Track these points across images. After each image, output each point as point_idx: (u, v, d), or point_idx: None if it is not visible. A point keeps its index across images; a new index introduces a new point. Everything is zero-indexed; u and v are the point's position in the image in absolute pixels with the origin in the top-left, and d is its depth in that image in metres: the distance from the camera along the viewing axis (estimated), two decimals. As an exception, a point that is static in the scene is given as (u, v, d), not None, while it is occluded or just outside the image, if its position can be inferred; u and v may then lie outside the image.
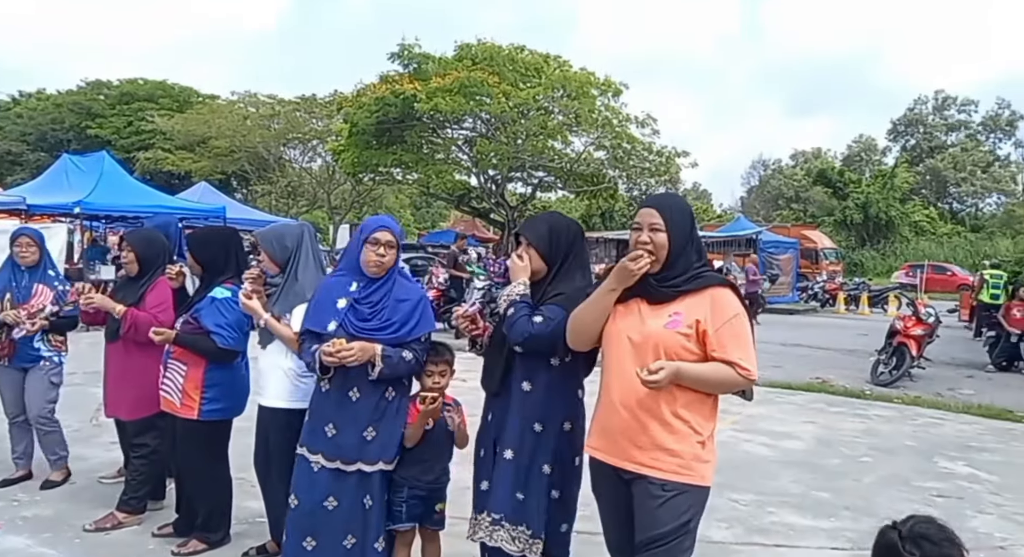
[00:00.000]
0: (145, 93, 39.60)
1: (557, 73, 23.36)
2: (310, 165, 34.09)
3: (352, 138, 24.16)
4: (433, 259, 19.72)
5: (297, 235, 3.00)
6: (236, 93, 33.13)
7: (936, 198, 44.20)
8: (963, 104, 47.25)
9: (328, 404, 2.56)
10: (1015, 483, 4.83)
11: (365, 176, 26.76)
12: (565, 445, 2.40)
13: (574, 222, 2.61)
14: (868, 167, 45.99)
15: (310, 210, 34.29)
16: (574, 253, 2.47)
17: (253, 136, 30.51)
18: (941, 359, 10.13)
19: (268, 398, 2.92)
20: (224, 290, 3.13)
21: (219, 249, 3.28)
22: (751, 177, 54.61)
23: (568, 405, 2.42)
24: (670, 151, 24.37)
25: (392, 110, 22.04)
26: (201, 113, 32.08)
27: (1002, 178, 43.83)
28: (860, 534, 3.78)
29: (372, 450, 2.56)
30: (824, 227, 33.02)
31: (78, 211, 11.83)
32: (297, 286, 2.87)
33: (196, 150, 31.41)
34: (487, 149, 23.05)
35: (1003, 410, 7.15)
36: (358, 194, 32.90)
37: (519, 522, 2.37)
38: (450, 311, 11.80)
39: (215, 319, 3.06)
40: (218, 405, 3.14)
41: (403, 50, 23.91)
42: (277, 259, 2.97)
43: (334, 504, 2.53)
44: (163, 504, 3.74)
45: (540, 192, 28.72)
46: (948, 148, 45.64)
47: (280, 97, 32.24)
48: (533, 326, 2.31)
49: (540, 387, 2.38)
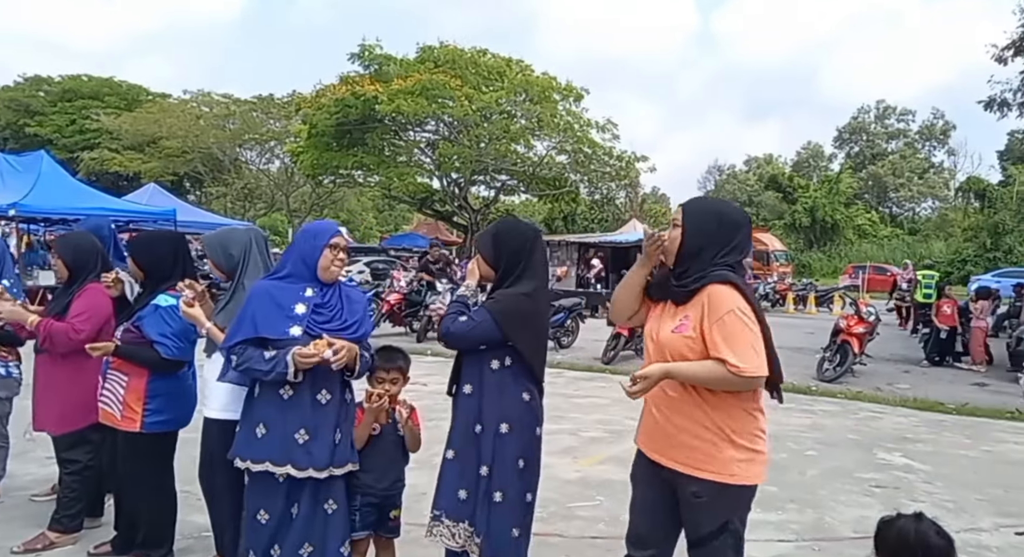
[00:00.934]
0: (90, 90, 38.31)
1: (519, 77, 23.60)
2: (267, 167, 33.57)
3: (311, 139, 23.93)
4: (395, 262, 19.65)
5: (244, 241, 2.85)
6: (188, 92, 32.56)
7: (877, 202, 46.12)
8: (902, 113, 49.52)
9: (296, 410, 2.45)
10: (946, 472, 5.15)
11: (325, 178, 26.51)
12: (503, 447, 2.42)
13: (528, 228, 2.63)
14: (816, 173, 47.66)
15: (268, 213, 33.77)
16: (523, 259, 2.49)
17: (207, 136, 29.89)
18: (881, 355, 10.64)
19: (214, 409, 2.79)
20: (169, 297, 2.94)
21: (163, 254, 3.07)
22: (707, 181, 55.94)
23: (508, 408, 2.44)
24: (630, 156, 24.87)
25: (352, 111, 21.91)
26: (151, 112, 31.30)
27: (936, 184, 46.13)
28: (804, 526, 3.96)
29: (341, 453, 2.53)
30: (775, 230, 34.04)
31: (13, 213, 11.36)
32: (243, 295, 2.67)
33: (146, 150, 30.61)
34: (450, 152, 23.12)
35: (936, 403, 7.60)
36: (318, 197, 32.53)
37: (460, 519, 2.43)
38: (413, 315, 11.93)
39: (159, 328, 2.90)
40: (162, 417, 2.97)
41: (364, 51, 23.79)
42: (223, 266, 2.85)
43: (295, 511, 2.49)
44: (101, 521, 3.54)
45: (503, 195, 28.93)
46: (888, 155, 47.67)
47: (235, 97, 31.77)
48: (454, 325, 2.43)
49: (480, 390, 2.45)
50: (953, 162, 48.13)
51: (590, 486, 4.56)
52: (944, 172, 47.64)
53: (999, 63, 13.62)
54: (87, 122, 34.51)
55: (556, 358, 9.78)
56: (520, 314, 2.44)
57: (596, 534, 3.77)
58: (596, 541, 3.68)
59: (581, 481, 4.68)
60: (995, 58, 13.60)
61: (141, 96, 37.78)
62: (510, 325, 2.41)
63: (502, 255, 2.51)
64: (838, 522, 3.97)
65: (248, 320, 2.44)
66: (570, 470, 4.89)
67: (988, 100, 14.62)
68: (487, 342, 2.43)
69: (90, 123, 33.98)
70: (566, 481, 4.62)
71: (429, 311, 11.03)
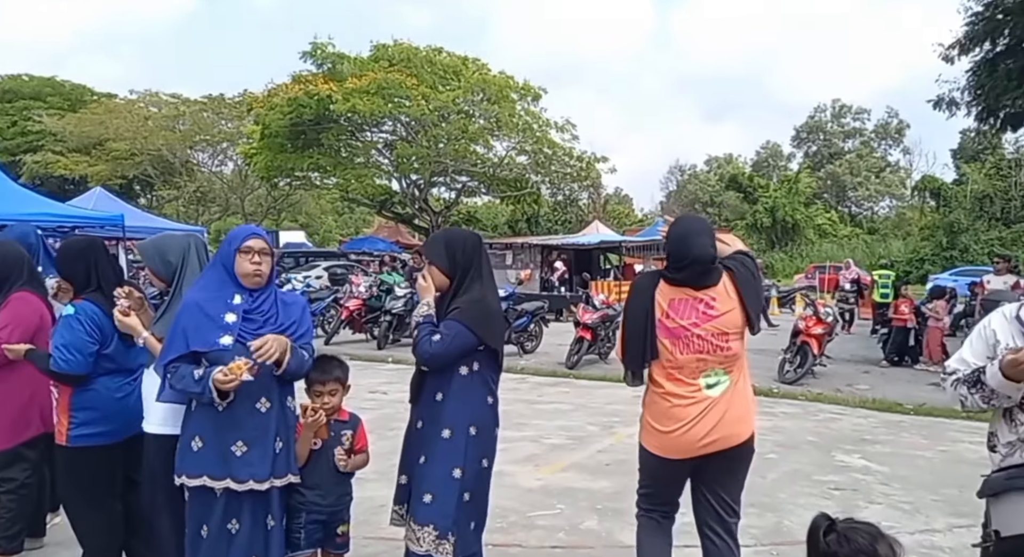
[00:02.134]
0: (31, 90, 36.71)
1: (476, 76, 23.38)
2: (220, 169, 32.70)
3: (264, 140, 23.34)
4: (355, 267, 19.23)
5: (182, 247, 2.75)
6: (135, 92, 31.50)
7: (836, 202, 47.24)
8: (857, 112, 50.78)
9: (232, 422, 2.41)
10: (903, 473, 5.17)
11: (280, 181, 25.90)
12: (473, 449, 2.50)
13: (472, 235, 2.73)
14: (775, 172, 48.59)
15: (223, 217, 32.84)
16: (474, 265, 2.57)
17: (156, 138, 28.98)
18: (841, 356, 10.76)
19: (152, 424, 2.71)
20: (71, 306, 2.84)
21: (75, 262, 2.95)
22: (669, 182, 56.68)
23: (475, 411, 2.51)
24: (590, 156, 24.89)
25: (306, 111, 21.43)
26: (96, 113, 30.23)
27: (893, 183, 47.44)
28: (763, 530, 3.94)
29: (281, 463, 2.46)
30: (737, 230, 34.56)
31: (-52, 221, 10.81)
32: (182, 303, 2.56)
33: (92, 153, 29.54)
34: (408, 153, 22.79)
35: (894, 403, 7.66)
36: (274, 200, 31.82)
37: (426, 523, 2.45)
38: (373, 321, 11.64)
39: (56, 339, 2.81)
40: (88, 429, 2.86)
41: (316, 49, 23.26)
42: (160, 274, 2.74)
43: (236, 527, 2.42)
44: (44, 541, 3.45)
45: (464, 197, 28.68)
46: (845, 154, 48.90)
47: (185, 97, 30.84)
48: (432, 345, 2.45)
49: (450, 396, 2.49)
50: (909, 161, 49.53)
51: (551, 494, 4.53)
52: (900, 171, 48.89)
53: (946, 62, 13.91)
54: (29, 123, 33.07)
55: (520, 363, 9.65)
56: (488, 316, 2.52)
57: (556, 544, 3.78)
58: (555, 551, 3.69)
59: (542, 489, 4.64)
60: (942, 57, 13.88)
61: (85, 96, 36.32)
62: (483, 329, 2.49)
63: (457, 262, 2.56)
64: (797, 526, 3.95)
65: (180, 335, 2.41)
66: (531, 478, 4.85)
67: (937, 99, 14.89)
68: (467, 352, 2.48)
69: (32, 124, 32.59)
70: (527, 490, 4.58)
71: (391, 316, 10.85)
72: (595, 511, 4.23)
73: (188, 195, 31.87)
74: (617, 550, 3.61)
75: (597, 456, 5.46)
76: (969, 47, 13.43)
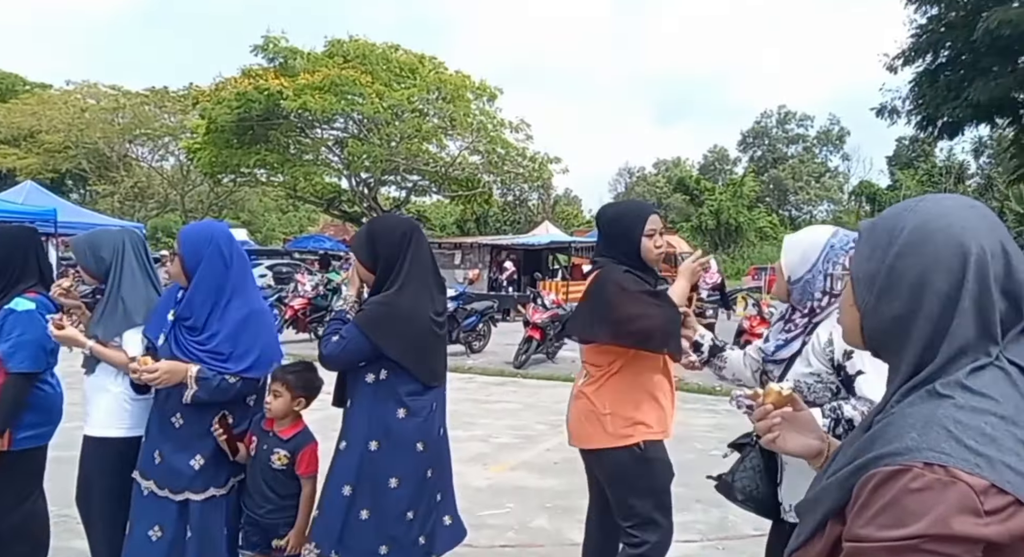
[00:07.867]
0: (-43, 79, 34.75)
1: (432, 75, 23.20)
2: (161, 164, 31.53)
3: (209, 135, 22.59)
4: (300, 266, 18.82)
5: (116, 244, 2.59)
6: (72, 82, 30.07)
7: (778, 205, 48.96)
8: (801, 119, 52.85)
9: (154, 428, 2.40)
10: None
11: (224, 177, 25.12)
12: (371, 465, 2.21)
13: (404, 223, 2.42)
14: (721, 176, 50.03)
15: (161, 213, 31.67)
16: (399, 259, 2.25)
17: (92, 131, 27.77)
18: (782, 353, 11.16)
19: (93, 426, 2.58)
20: (26, 301, 2.65)
21: (11, 252, 2.73)
22: (618, 184, 57.54)
23: (379, 425, 2.22)
24: (543, 157, 25.00)
25: (255, 107, 20.84)
26: (28, 104, 28.85)
27: (832, 187, 49.54)
28: (709, 526, 4.02)
29: (200, 479, 2.37)
30: (682, 232, 35.33)
31: None
32: (121, 306, 2.50)
33: (22, 145, 28.06)
34: (359, 151, 22.43)
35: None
36: (216, 196, 30.86)
37: (311, 540, 2.27)
38: (318, 321, 11.41)
39: (22, 336, 2.64)
40: (31, 431, 2.73)
41: (268, 43, 22.67)
42: (93, 271, 2.60)
43: (158, 535, 2.35)
44: None
45: (414, 196, 28.44)
46: (788, 159, 50.80)
47: (125, 88, 29.55)
48: (327, 346, 2.24)
49: (355, 405, 2.28)
50: (847, 166, 51.84)
51: (501, 493, 4.53)
52: (839, 176, 51.17)
53: (890, 72, 14.60)
54: (-47, 114, 31.16)
55: (467, 363, 9.63)
56: (388, 321, 2.19)
57: (505, 543, 3.78)
58: (505, 550, 3.69)
59: (491, 488, 4.64)
60: (886, 67, 14.57)
61: (17, 86, 34.46)
62: (379, 335, 2.18)
63: (379, 255, 2.26)
64: (741, 520, 4.01)
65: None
66: (480, 478, 4.85)
67: (880, 107, 15.63)
68: (363, 358, 2.22)
69: (-43, 115, 30.71)
70: (476, 489, 4.56)
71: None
72: (544, 509, 4.25)
73: (125, 190, 30.56)
74: (567, 548, 3.63)
75: (546, 455, 5.50)
76: (912, 58, 14.12)
